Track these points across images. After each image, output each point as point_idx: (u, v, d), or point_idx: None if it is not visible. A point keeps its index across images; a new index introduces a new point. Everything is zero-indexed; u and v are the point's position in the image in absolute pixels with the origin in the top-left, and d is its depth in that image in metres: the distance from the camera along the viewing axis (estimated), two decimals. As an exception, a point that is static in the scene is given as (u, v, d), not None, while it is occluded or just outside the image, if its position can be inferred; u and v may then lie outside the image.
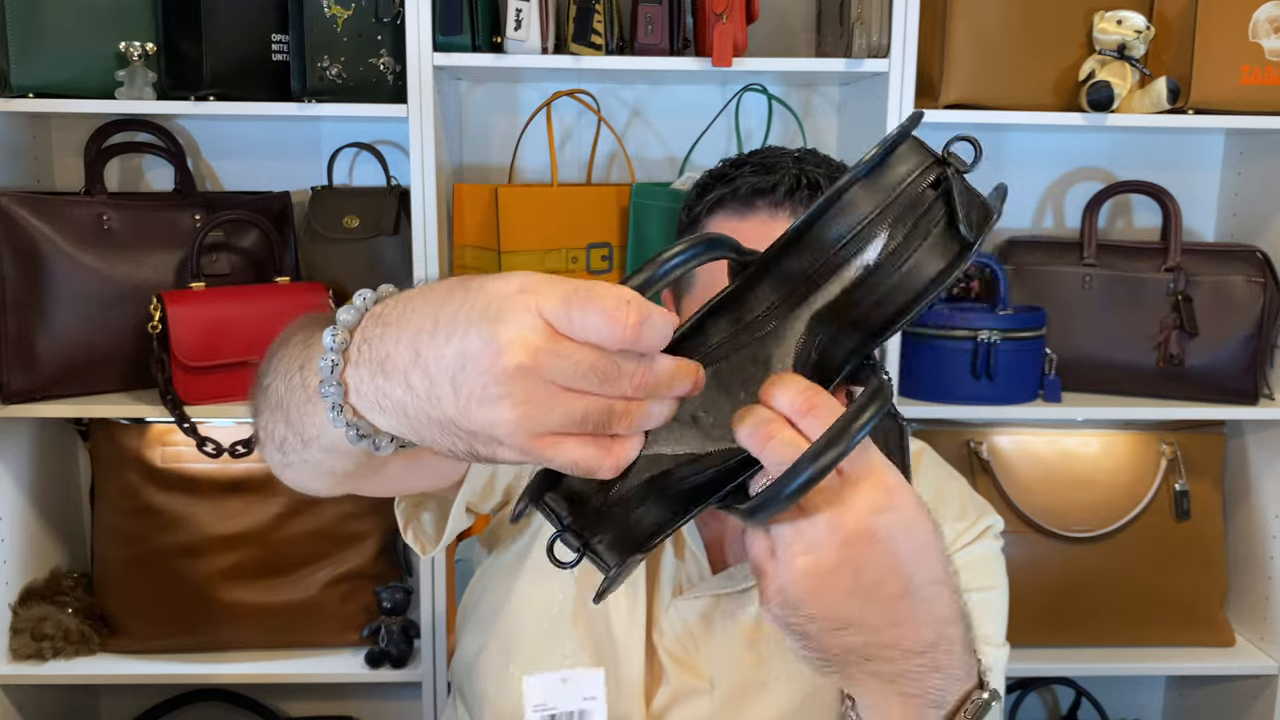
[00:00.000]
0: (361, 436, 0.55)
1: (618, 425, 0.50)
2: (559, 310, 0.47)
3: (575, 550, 0.57)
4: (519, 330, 0.47)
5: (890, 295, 0.55)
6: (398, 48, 1.56)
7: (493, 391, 0.47)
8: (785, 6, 1.78)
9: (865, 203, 0.56)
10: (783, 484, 0.52)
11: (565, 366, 0.47)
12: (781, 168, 0.94)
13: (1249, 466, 1.83)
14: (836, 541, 0.55)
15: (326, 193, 1.74)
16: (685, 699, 0.97)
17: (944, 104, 1.59)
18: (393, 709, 1.95)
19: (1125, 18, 1.55)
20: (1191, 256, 1.69)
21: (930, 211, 0.55)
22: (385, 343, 0.52)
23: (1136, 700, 2.03)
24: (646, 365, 0.49)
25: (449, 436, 0.51)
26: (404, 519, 0.97)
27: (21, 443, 1.67)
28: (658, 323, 0.48)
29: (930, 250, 0.55)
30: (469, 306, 0.49)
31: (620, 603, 0.98)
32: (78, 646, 1.64)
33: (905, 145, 0.57)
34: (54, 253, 1.55)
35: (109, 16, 1.53)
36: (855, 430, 0.52)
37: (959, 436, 1.76)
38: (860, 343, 0.57)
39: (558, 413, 0.48)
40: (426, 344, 0.50)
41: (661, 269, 0.53)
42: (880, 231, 0.55)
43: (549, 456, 0.49)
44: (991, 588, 0.99)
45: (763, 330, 0.58)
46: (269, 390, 0.66)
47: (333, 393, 0.54)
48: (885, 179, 0.56)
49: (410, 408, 0.51)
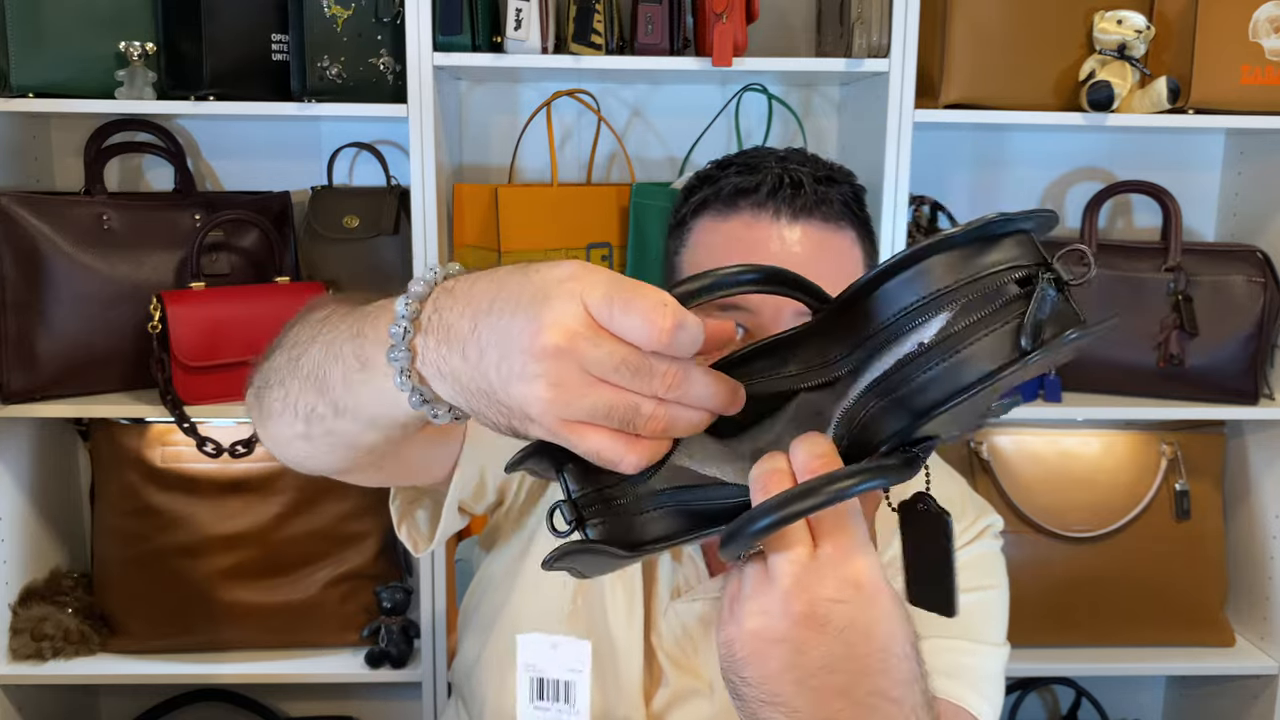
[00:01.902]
0: (424, 402, 0.58)
1: (643, 425, 0.52)
2: (601, 302, 0.50)
3: (568, 524, 0.57)
4: (560, 315, 0.50)
5: (935, 381, 0.52)
6: (398, 48, 1.56)
7: (530, 369, 0.50)
8: (785, 6, 1.78)
9: (942, 276, 0.52)
10: (747, 520, 0.52)
11: (599, 356, 0.50)
12: (765, 168, 0.93)
13: (1249, 466, 1.83)
14: (786, 615, 0.54)
15: (326, 193, 1.74)
16: (685, 700, 0.97)
17: (944, 104, 1.59)
18: (393, 709, 1.95)
19: (1125, 17, 1.55)
20: (1191, 256, 1.69)
21: (1006, 308, 0.51)
22: (452, 314, 0.56)
23: (1136, 700, 2.03)
24: (680, 369, 0.51)
25: (492, 409, 0.54)
26: (398, 515, 0.97)
27: (21, 443, 1.67)
28: (692, 331, 0.50)
29: (987, 346, 0.51)
30: (522, 289, 0.52)
31: (618, 605, 0.98)
32: (78, 646, 1.64)
33: (1013, 238, 0.52)
34: (54, 253, 1.55)
35: (109, 16, 1.53)
36: (832, 490, 0.50)
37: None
38: (906, 424, 0.54)
39: (587, 401, 0.50)
40: (483, 319, 0.53)
41: (714, 284, 0.54)
42: (945, 311, 0.52)
43: (574, 441, 0.52)
44: (990, 587, 0.99)
45: (816, 381, 0.57)
46: (300, 361, 0.68)
47: (401, 357, 0.57)
48: (974, 260, 0.52)
49: (464, 376, 0.54)
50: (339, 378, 0.64)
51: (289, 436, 0.72)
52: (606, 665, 0.98)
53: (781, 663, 0.54)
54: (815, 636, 0.54)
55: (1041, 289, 0.50)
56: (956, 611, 0.61)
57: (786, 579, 0.54)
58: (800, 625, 0.54)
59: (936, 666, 0.90)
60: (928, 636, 0.94)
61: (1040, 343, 0.50)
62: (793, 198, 0.91)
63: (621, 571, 0.99)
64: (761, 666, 0.55)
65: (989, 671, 0.94)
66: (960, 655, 0.92)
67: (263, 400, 0.74)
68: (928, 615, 0.94)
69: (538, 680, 0.89)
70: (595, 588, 0.99)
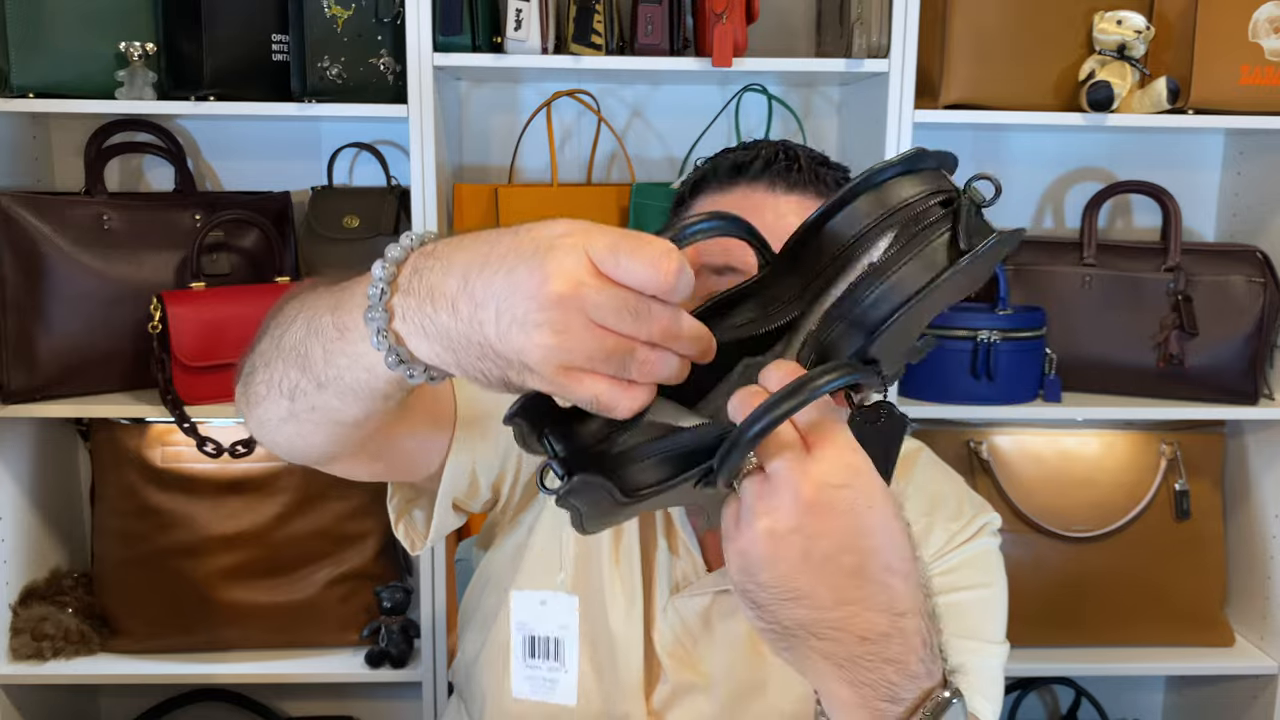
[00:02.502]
0: (400, 361, 0.59)
1: (636, 370, 0.54)
2: (606, 252, 0.52)
3: (561, 478, 0.58)
4: (565, 264, 0.52)
5: (887, 294, 0.57)
6: (398, 48, 1.56)
7: (534, 317, 0.52)
8: (785, 6, 1.78)
9: (876, 206, 0.59)
10: (741, 430, 0.55)
11: (604, 300, 0.52)
12: (761, 146, 0.97)
13: (1249, 466, 1.83)
14: (795, 506, 0.56)
15: (326, 193, 1.74)
16: (685, 697, 0.97)
17: (944, 104, 1.59)
18: (393, 709, 1.95)
19: (1125, 18, 1.55)
20: (1191, 256, 1.69)
21: (938, 223, 0.58)
22: (435, 273, 0.57)
23: (1136, 700, 2.03)
24: (674, 314, 0.54)
25: (485, 361, 0.55)
26: (395, 514, 0.98)
27: (21, 443, 1.67)
28: (690, 276, 0.53)
29: (928, 256, 0.57)
30: (519, 245, 0.54)
31: (618, 601, 0.98)
32: (78, 646, 1.64)
33: (930, 170, 0.60)
34: (54, 253, 1.55)
35: (109, 16, 1.53)
36: (814, 386, 0.55)
37: (959, 436, 1.76)
38: (863, 342, 0.59)
39: (588, 346, 0.52)
40: (476, 274, 0.55)
41: (684, 233, 0.58)
42: (887, 234, 0.59)
43: (573, 388, 0.54)
44: (988, 585, 0.99)
45: (785, 318, 0.62)
46: (283, 341, 0.70)
47: (378, 317, 0.59)
48: (900, 191, 0.59)
49: (454, 332, 0.56)
50: (320, 351, 0.66)
51: (275, 419, 0.73)
52: (606, 661, 0.98)
53: (795, 553, 0.57)
54: (824, 521, 0.56)
55: (964, 206, 0.57)
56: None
57: (789, 473, 0.57)
58: (808, 513, 0.56)
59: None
60: None
61: (971, 246, 0.57)
62: (788, 170, 0.93)
63: (621, 569, 0.99)
64: (775, 564, 0.57)
65: (988, 670, 0.94)
66: (960, 654, 0.92)
67: (249, 387, 0.75)
68: None
69: (529, 638, 0.89)
70: (595, 583, 0.99)
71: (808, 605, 0.58)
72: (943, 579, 0.97)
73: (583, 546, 1.00)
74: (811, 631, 0.58)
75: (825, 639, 0.59)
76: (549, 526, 1.00)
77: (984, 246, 0.57)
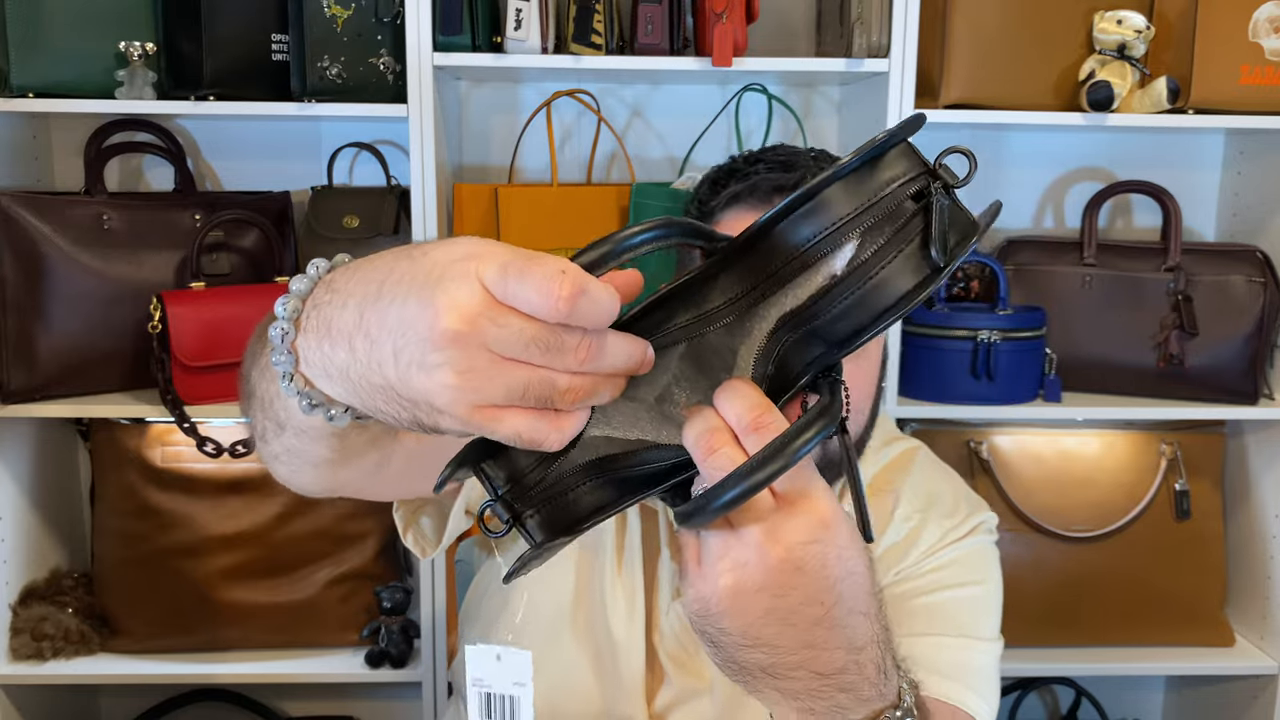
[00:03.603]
0: (314, 406, 0.54)
1: (561, 400, 0.48)
2: (497, 278, 0.46)
3: (504, 523, 0.55)
4: (457, 296, 0.46)
5: (853, 310, 0.52)
6: (398, 48, 1.56)
7: (431, 359, 0.47)
8: (785, 6, 1.78)
9: (841, 204, 0.52)
10: (712, 496, 0.51)
11: (504, 335, 0.46)
12: (801, 165, 0.95)
13: (1249, 466, 1.83)
14: (763, 565, 0.54)
15: (326, 193, 1.74)
16: (686, 700, 0.97)
17: (944, 104, 1.58)
18: (393, 709, 1.95)
19: (1125, 17, 1.55)
20: (1191, 256, 1.69)
21: (907, 226, 0.52)
22: (332, 308, 0.52)
23: (1136, 700, 2.03)
24: (591, 340, 0.48)
25: (392, 405, 0.50)
26: (403, 523, 0.98)
27: (21, 443, 1.67)
28: (598, 298, 0.46)
29: (899, 268, 0.52)
30: (414, 272, 0.48)
31: (619, 605, 0.98)
32: (78, 646, 1.64)
33: (896, 150, 0.53)
34: (54, 253, 1.55)
35: (109, 16, 1.53)
36: (792, 451, 0.50)
37: (959, 436, 1.76)
38: (822, 353, 0.55)
39: (499, 383, 0.47)
40: (370, 308, 0.49)
41: (617, 247, 0.51)
42: (851, 240, 0.52)
43: (491, 428, 0.48)
44: (980, 582, 0.99)
45: (722, 321, 0.55)
46: (250, 379, 0.66)
47: (284, 361, 0.53)
48: (867, 183, 0.53)
49: (353, 373, 0.50)
50: (267, 392, 0.62)
51: (267, 458, 0.70)
52: (608, 664, 0.98)
53: (762, 608, 0.55)
54: (794, 579, 0.55)
55: (938, 201, 0.51)
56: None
57: (757, 531, 0.54)
58: (777, 572, 0.54)
59: (933, 665, 0.91)
60: (923, 635, 0.94)
61: (949, 254, 0.52)
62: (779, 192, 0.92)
63: (623, 572, 0.99)
64: (742, 616, 0.55)
65: (984, 668, 0.94)
66: (955, 652, 0.93)
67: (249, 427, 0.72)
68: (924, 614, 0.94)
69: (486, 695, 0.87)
70: (597, 588, 0.99)
71: (769, 652, 0.57)
72: (934, 575, 0.97)
73: (586, 553, 1.00)
74: (769, 673, 0.58)
75: (783, 678, 0.58)
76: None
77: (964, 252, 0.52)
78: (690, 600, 0.57)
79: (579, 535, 0.56)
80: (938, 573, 0.97)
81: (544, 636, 0.99)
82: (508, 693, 0.85)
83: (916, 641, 0.91)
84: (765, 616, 0.55)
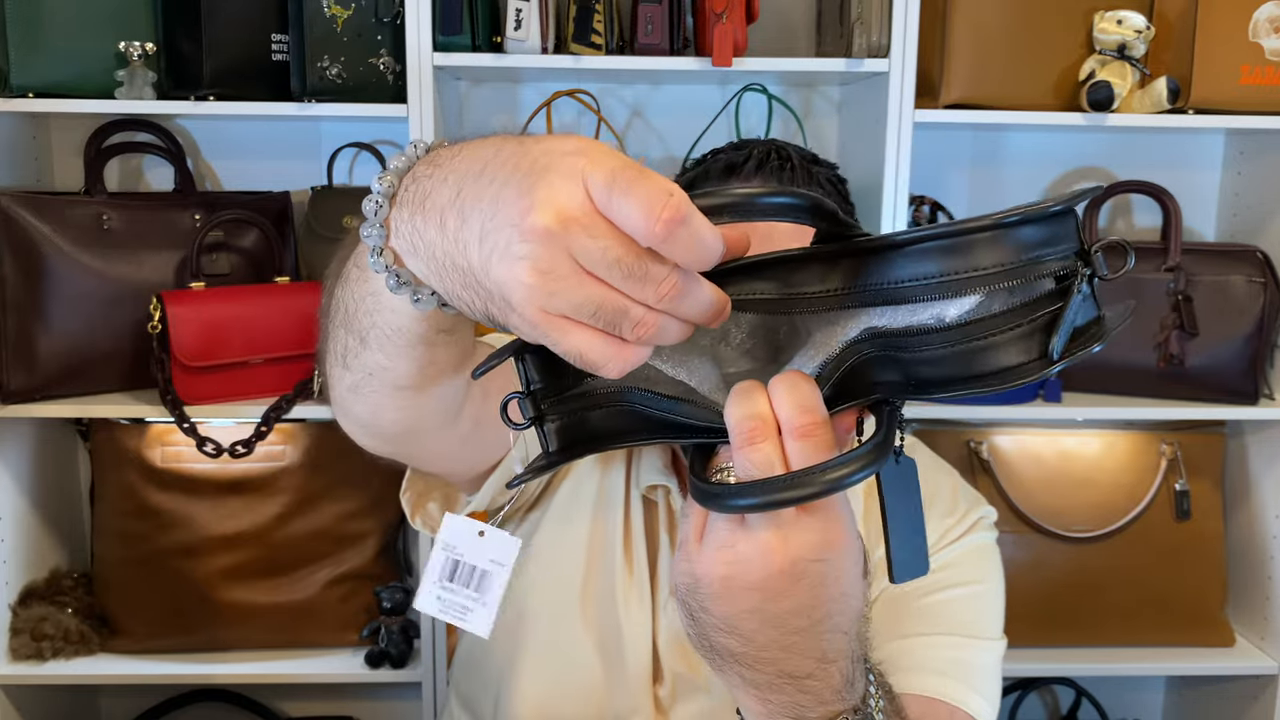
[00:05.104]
0: (401, 284, 0.53)
1: (629, 330, 0.46)
2: (603, 184, 0.44)
3: (527, 418, 0.55)
4: (557, 193, 0.44)
5: (945, 361, 0.49)
6: (398, 48, 1.56)
7: (515, 249, 0.45)
8: (785, 6, 1.78)
9: (981, 255, 0.48)
10: (734, 494, 0.51)
11: (592, 248, 0.44)
12: (751, 145, 0.96)
13: (1249, 466, 1.83)
14: (764, 567, 0.54)
15: (326, 193, 1.74)
16: (689, 694, 0.97)
17: (944, 104, 1.58)
18: (393, 709, 1.95)
19: (1125, 17, 1.55)
20: (1191, 256, 1.69)
21: (1038, 303, 0.48)
22: (433, 181, 0.51)
23: (1136, 700, 2.03)
24: (678, 279, 0.46)
25: (469, 291, 0.49)
26: (410, 507, 0.99)
27: (21, 443, 1.67)
28: (700, 234, 0.44)
29: (1010, 341, 0.48)
30: (520, 156, 0.47)
31: (629, 596, 0.98)
32: (78, 646, 1.64)
33: (1059, 218, 0.50)
34: (54, 253, 1.55)
35: (109, 16, 1.53)
36: (829, 480, 0.49)
37: (959, 436, 1.76)
38: (896, 382, 0.52)
39: (573, 295, 0.45)
40: (470, 185, 0.48)
41: (745, 202, 0.48)
42: (975, 294, 0.48)
43: (555, 338, 0.47)
44: (981, 581, 0.98)
45: (810, 308, 0.53)
46: (331, 298, 0.65)
47: (374, 234, 0.52)
48: (1016, 242, 0.48)
49: (439, 249, 0.49)
50: (353, 302, 0.61)
51: (347, 399, 0.69)
52: (614, 655, 0.98)
53: (751, 605, 0.55)
54: (790, 588, 0.55)
55: (1079, 290, 0.48)
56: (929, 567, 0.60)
57: (768, 534, 0.54)
58: (776, 578, 0.54)
59: (933, 664, 0.90)
60: (924, 634, 0.94)
61: (1067, 350, 0.48)
62: (780, 169, 0.93)
63: (631, 565, 0.99)
64: (729, 605, 0.56)
65: (986, 667, 0.94)
66: (957, 651, 0.92)
67: (325, 372, 0.71)
68: (924, 614, 0.94)
69: (453, 561, 0.79)
70: (605, 579, 0.99)
71: (742, 642, 0.57)
72: (934, 575, 0.97)
73: (595, 545, 1.00)
74: (738, 660, 0.58)
75: (749, 668, 0.58)
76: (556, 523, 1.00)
77: (1084, 354, 0.48)
78: (681, 573, 0.57)
79: (590, 454, 0.56)
80: (939, 573, 0.97)
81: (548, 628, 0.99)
82: (481, 566, 0.77)
83: (916, 641, 0.91)
84: (751, 613, 0.56)
